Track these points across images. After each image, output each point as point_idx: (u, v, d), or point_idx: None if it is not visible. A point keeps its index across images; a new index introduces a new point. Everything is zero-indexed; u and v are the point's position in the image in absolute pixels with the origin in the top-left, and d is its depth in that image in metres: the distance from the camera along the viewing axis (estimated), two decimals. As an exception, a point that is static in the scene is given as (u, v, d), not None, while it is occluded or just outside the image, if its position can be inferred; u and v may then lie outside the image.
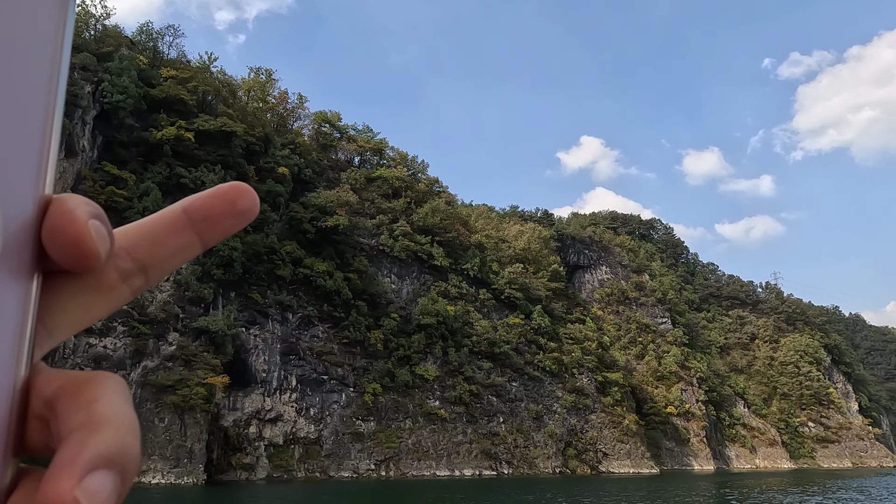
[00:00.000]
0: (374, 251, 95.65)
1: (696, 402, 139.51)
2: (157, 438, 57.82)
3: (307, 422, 77.38)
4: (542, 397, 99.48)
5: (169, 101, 73.69)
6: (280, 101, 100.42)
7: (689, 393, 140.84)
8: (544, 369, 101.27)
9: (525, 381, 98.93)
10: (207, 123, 74.03)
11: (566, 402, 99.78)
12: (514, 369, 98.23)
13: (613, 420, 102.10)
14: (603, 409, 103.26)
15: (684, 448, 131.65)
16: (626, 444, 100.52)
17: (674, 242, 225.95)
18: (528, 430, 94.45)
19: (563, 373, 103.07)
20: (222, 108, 77.65)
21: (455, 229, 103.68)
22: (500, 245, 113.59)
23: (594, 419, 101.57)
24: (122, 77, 65.99)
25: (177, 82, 74.54)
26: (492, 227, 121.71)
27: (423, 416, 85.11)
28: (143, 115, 71.50)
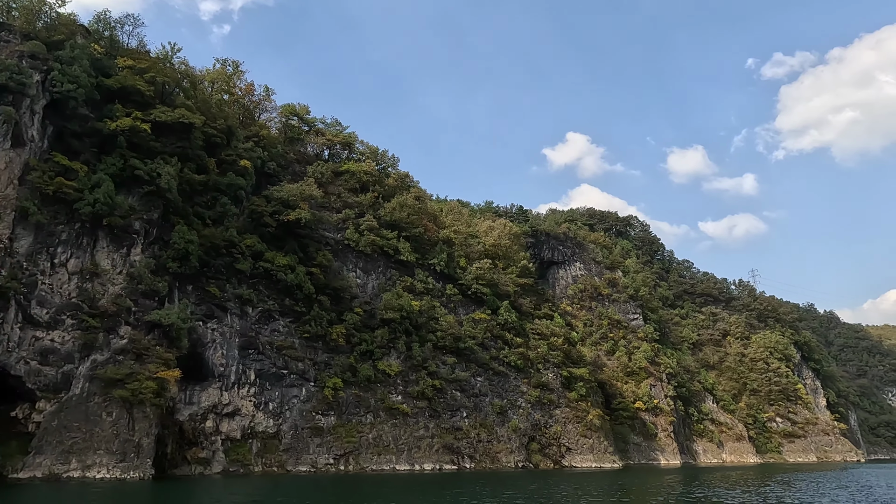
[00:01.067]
0: (340, 246, 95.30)
1: (664, 397, 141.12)
2: (104, 433, 57.28)
3: (266, 416, 77.08)
4: (507, 392, 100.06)
5: (125, 92, 72.50)
6: (246, 94, 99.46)
7: (658, 388, 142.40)
8: (510, 364, 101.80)
9: (490, 376, 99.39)
10: (165, 115, 73.03)
11: (531, 396, 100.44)
12: (479, 364, 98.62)
13: (578, 415, 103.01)
14: (567, 404, 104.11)
15: (652, 443, 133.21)
16: (589, 438, 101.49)
17: (650, 239, 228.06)
18: (491, 425, 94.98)
19: (528, 368, 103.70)
20: (181, 100, 76.67)
21: (422, 224, 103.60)
22: (470, 241, 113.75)
23: (559, 414, 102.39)
24: (73, 66, 64.77)
25: (134, 72, 73.35)
26: (462, 222, 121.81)
27: (385, 411, 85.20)
28: (99, 106, 70.27)
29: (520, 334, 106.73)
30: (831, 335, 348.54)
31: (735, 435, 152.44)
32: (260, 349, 78.48)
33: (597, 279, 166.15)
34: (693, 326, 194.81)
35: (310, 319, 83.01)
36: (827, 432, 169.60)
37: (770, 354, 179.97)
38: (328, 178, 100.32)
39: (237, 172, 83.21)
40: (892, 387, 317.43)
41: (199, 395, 73.02)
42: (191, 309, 72.57)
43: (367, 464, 79.54)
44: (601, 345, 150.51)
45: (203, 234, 74.34)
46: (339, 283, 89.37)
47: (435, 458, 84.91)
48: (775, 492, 50.77)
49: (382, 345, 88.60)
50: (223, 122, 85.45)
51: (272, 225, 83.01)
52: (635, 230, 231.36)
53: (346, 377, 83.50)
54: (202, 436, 72.14)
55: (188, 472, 68.06)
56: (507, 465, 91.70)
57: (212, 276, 76.05)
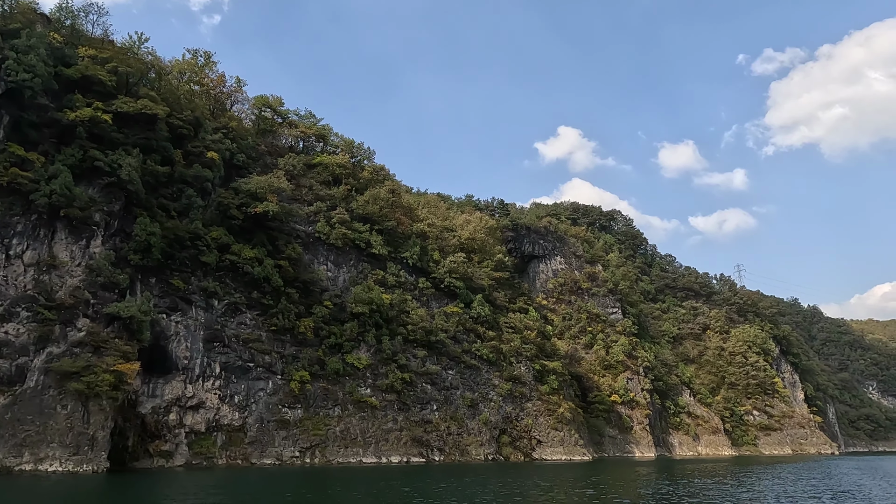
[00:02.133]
0: (311, 238, 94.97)
1: (641, 390, 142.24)
2: (58, 426, 56.85)
3: (231, 409, 76.89)
4: (479, 385, 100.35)
5: (87, 82, 71.65)
6: (217, 85, 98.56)
7: (635, 382, 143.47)
8: (482, 358, 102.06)
9: (461, 370, 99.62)
10: (127, 105, 72.24)
11: (502, 390, 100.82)
12: (451, 357, 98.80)
13: (549, 408, 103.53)
14: (539, 397, 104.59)
15: (627, 436, 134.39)
16: (560, 431, 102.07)
17: (633, 234, 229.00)
18: (462, 418, 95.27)
19: (500, 361, 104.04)
20: (144, 91, 75.84)
21: (396, 218, 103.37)
22: (445, 234, 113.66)
23: (530, 407, 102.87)
24: (29, 55, 63.85)
25: (95, 62, 72.48)
26: (439, 216, 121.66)
27: (353, 404, 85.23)
28: (59, 96, 69.44)
29: (493, 328, 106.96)
30: (814, 329, 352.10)
31: (711, 428, 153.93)
32: (225, 342, 78.17)
33: (577, 273, 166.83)
34: (674, 320, 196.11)
35: (277, 312, 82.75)
36: (803, 425, 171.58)
37: (749, 348, 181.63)
38: (300, 171, 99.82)
39: (204, 164, 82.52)
40: (873, 380, 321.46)
41: (163, 388, 72.71)
42: (154, 301, 72.12)
43: (333, 456, 79.59)
44: (579, 338, 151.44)
45: (166, 227, 73.77)
46: (309, 276, 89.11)
47: (403, 450, 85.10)
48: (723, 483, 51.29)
49: (352, 338, 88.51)
50: (190, 113, 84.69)
51: (239, 217, 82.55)
52: (619, 224, 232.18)
53: (313, 370, 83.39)
54: (165, 428, 71.90)
55: (150, 465, 67.91)
56: (476, 457, 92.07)
57: (176, 268, 75.56)
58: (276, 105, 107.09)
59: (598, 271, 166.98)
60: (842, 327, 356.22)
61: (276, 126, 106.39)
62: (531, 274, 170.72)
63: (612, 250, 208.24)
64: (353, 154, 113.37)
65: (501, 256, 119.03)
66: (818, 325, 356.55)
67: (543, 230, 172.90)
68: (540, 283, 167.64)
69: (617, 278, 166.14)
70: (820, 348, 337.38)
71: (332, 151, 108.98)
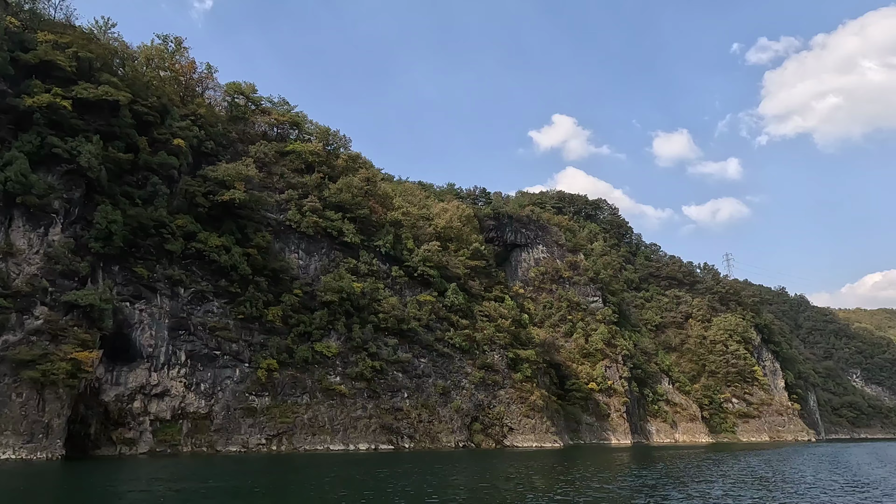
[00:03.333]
0: (282, 227, 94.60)
1: (619, 378, 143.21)
2: (12, 414, 56.81)
3: (197, 397, 76.93)
4: (451, 373, 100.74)
5: (46, 67, 70.73)
6: (187, 71, 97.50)
7: (613, 370, 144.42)
8: (454, 346, 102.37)
9: (434, 358, 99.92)
10: (87, 91, 71.41)
11: (475, 378, 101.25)
12: (423, 346, 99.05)
13: (522, 396, 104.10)
14: (513, 385, 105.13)
15: (604, 423, 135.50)
16: (531, 419, 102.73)
17: (618, 223, 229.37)
18: (433, 406, 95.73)
19: (474, 349, 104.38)
20: (106, 77, 74.89)
21: (369, 206, 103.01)
22: (420, 223, 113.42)
23: (503, 395, 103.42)
24: (-19, 40, 62.98)
25: (54, 47, 71.49)
26: (415, 204, 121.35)
27: (322, 392, 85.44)
28: (16, 81, 68.58)
29: (467, 316, 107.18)
30: (801, 318, 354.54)
31: (689, 415, 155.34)
32: (191, 330, 78.03)
33: (559, 262, 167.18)
34: (657, 309, 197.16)
35: (245, 301, 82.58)
36: (781, 413, 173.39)
37: (729, 337, 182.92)
38: (272, 158, 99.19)
39: (170, 151, 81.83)
40: (857, 368, 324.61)
41: (127, 376, 72.60)
42: (117, 290, 71.89)
43: (300, 444, 79.92)
44: (559, 327, 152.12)
45: (129, 214, 73.26)
46: (278, 264, 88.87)
47: (371, 438, 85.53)
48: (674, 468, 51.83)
49: (321, 326, 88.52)
50: (156, 99, 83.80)
51: (205, 205, 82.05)
52: (604, 213, 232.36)
53: (282, 358, 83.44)
54: (129, 416, 71.91)
55: (112, 452, 68.02)
56: (447, 444, 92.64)
57: (140, 256, 75.14)
58: (248, 92, 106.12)
59: (579, 260, 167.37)
60: (828, 316, 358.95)
61: (249, 113, 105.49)
62: (513, 262, 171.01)
63: (596, 239, 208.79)
64: (328, 142, 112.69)
65: (478, 245, 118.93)
66: (805, 314, 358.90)
67: (526, 219, 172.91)
68: (522, 272, 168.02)
69: (598, 267, 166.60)
70: (806, 337, 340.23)
71: (306, 139, 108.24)
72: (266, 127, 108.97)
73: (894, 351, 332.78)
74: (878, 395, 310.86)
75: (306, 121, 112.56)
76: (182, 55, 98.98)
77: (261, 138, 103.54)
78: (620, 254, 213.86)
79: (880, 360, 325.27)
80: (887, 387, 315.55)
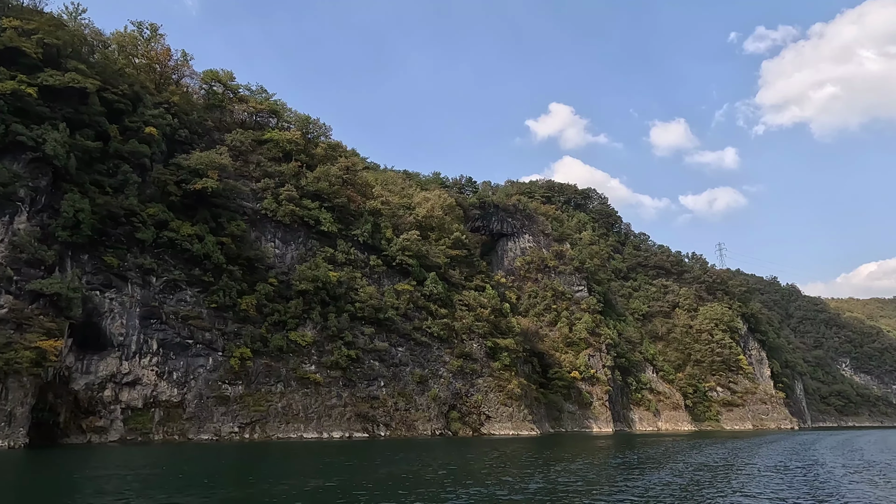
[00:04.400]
0: (258, 216, 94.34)
1: (602, 367, 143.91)
2: (-25, 402, 56.81)
3: (170, 385, 77.05)
4: (429, 362, 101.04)
5: (11, 54, 70.05)
6: (163, 59, 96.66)
7: (596, 358, 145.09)
8: (433, 335, 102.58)
9: (412, 347, 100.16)
10: (53, 78, 70.83)
11: (453, 366, 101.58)
12: (401, 335, 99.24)
13: (500, 384, 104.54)
14: (491, 373, 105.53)
15: (586, 411, 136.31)
16: (509, 407, 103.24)
17: (607, 212, 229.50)
18: (410, 394, 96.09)
19: (452, 338, 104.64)
20: (73, 64, 74.20)
21: (346, 195, 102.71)
22: (400, 212, 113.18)
23: (481, 383, 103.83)
24: (-58, 26, 62.28)
25: (20, 34, 70.78)
26: (397, 193, 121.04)
27: (297, 381, 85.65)
28: (-18, 69, 67.91)
29: (446, 305, 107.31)
30: (792, 307, 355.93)
31: (672, 404, 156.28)
32: (163, 319, 77.99)
33: (545, 251, 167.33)
34: (644, 298, 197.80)
35: (218, 290, 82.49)
36: (765, 401, 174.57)
37: (715, 326, 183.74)
38: (248, 147, 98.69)
39: (142, 140, 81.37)
40: (846, 357, 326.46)
41: (97, 365, 72.63)
42: (86, 278, 71.76)
43: (273, 432, 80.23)
44: (544, 316, 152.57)
45: (98, 203, 72.93)
46: (253, 253, 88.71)
47: (346, 426, 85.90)
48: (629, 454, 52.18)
49: (296, 315, 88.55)
50: (128, 87, 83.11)
51: (177, 194, 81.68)
52: (594, 203, 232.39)
53: (256, 347, 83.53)
54: (100, 405, 72.04)
55: (81, 440, 68.22)
56: (423, 432, 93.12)
57: (110, 245, 74.91)
58: (226, 80, 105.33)
59: (565, 249, 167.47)
60: (819, 306, 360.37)
61: (227, 101, 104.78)
62: (499, 252, 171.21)
63: (585, 229, 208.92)
64: (307, 130, 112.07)
65: (459, 234, 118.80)
66: (795, 304, 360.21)
67: (512, 208, 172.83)
68: (508, 261, 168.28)
69: (584, 256, 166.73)
70: (797, 326, 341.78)
71: (284, 127, 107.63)
72: (246, 115, 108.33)
73: (884, 340, 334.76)
74: (867, 383, 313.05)
75: (285, 109, 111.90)
76: (158, 42, 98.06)
77: (238, 127, 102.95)
78: (609, 243, 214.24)
79: (870, 349, 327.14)
80: (876, 375, 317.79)
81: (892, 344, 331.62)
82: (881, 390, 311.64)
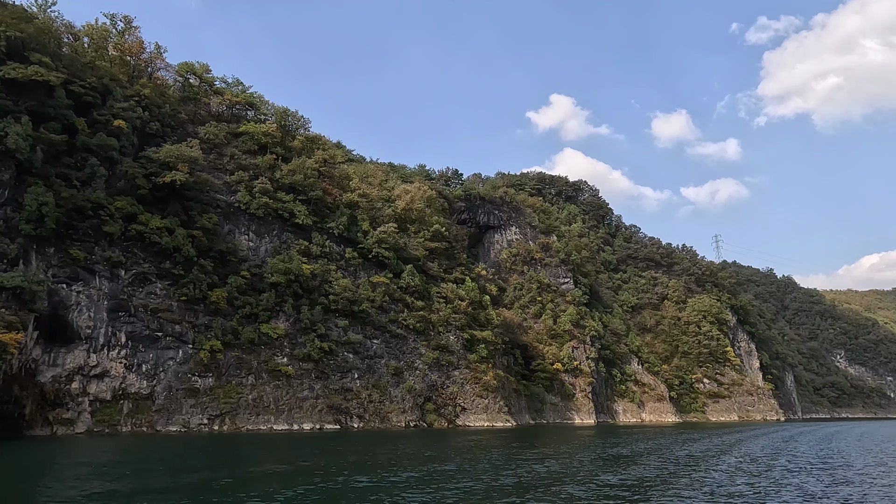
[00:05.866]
0: (231, 208, 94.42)
1: (586, 359, 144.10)
2: (-67, 394, 57.23)
3: (139, 377, 77.42)
4: (405, 354, 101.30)
5: (-27, 47, 70.10)
6: (136, 51, 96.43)
7: (580, 350, 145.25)
8: (409, 327, 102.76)
9: (387, 339, 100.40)
10: (15, 71, 70.81)
11: (429, 358, 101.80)
12: (376, 327, 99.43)
13: (476, 376, 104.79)
14: (468, 365, 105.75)
15: (568, 403, 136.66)
16: (484, 398, 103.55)
17: (598, 204, 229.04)
18: (385, 386, 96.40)
19: (429, 331, 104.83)
20: (37, 57, 74.11)
21: (322, 187, 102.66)
22: (378, 205, 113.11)
23: (457, 375, 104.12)
24: None
25: (-19, 27, 70.74)
26: (376, 186, 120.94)
27: (268, 373, 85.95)
28: (-57, 62, 67.99)
29: (423, 297, 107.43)
30: (787, 299, 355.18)
31: (656, 395, 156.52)
32: (132, 312, 78.26)
33: (531, 243, 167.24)
34: (634, 290, 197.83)
35: (188, 282, 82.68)
36: (751, 393, 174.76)
37: (703, 318, 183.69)
38: (223, 140, 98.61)
39: (111, 133, 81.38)
40: (841, 349, 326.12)
41: (64, 357, 73.02)
42: (52, 272, 72.00)
43: (243, 424, 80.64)
44: (528, 308, 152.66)
45: (64, 196, 73.07)
46: (225, 246, 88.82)
47: (317, 417, 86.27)
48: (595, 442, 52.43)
49: (268, 307, 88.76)
50: (97, 80, 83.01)
51: (145, 187, 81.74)
52: (585, 195, 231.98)
53: (227, 339, 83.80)
54: (68, 397, 72.45)
55: (47, 432, 68.66)
56: (397, 424, 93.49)
57: (77, 238, 75.12)
58: (201, 72, 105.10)
59: (551, 242, 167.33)
60: (814, 297, 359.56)
61: (202, 94, 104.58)
62: (486, 244, 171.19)
63: (575, 221, 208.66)
64: (286, 123, 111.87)
65: (439, 227, 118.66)
66: (791, 296, 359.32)
67: (499, 200, 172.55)
68: (494, 254, 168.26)
69: (570, 249, 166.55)
70: (792, 318, 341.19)
71: (260, 120, 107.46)
72: (224, 108, 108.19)
73: (879, 332, 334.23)
74: (861, 375, 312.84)
75: (263, 102, 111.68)
76: (132, 34, 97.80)
77: (215, 120, 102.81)
78: (600, 235, 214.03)
79: (865, 340, 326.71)
80: (870, 367, 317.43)
81: (887, 335, 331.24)
82: (875, 382, 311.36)
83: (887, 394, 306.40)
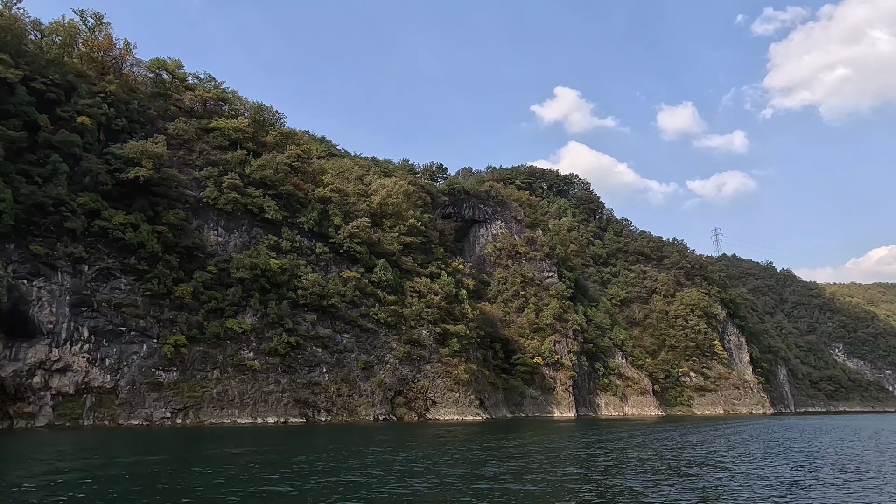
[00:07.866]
0: (200, 204, 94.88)
1: (568, 353, 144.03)
2: None
3: (102, 372, 78.17)
4: (375, 348, 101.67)
5: (-68, 45, 70.69)
6: (105, 47, 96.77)
7: (562, 344, 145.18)
8: (380, 321, 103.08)
9: (357, 333, 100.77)
10: (-28, 69, 71.37)
11: (400, 353, 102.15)
12: (346, 322, 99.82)
13: (448, 370, 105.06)
14: (440, 359, 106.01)
15: (548, 396, 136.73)
16: (455, 392, 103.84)
17: (589, 198, 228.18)
18: (354, 380, 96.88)
19: (400, 325, 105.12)
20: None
21: (292, 182, 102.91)
22: (352, 199, 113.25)
23: (428, 369, 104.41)
24: None
25: (-61, 25, 71.30)
26: (352, 180, 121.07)
27: (234, 367, 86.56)
28: None
29: (395, 292, 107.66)
30: (786, 293, 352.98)
31: (640, 389, 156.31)
32: (95, 307, 78.94)
33: (516, 238, 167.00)
34: (623, 284, 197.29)
35: (153, 278, 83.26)
36: (738, 386, 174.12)
37: (691, 312, 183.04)
38: (193, 135, 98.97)
39: (74, 129, 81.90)
40: (839, 342, 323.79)
41: (26, 352, 73.81)
42: (13, 267, 72.75)
43: (207, 418, 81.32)
44: (512, 302, 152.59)
45: (23, 193, 73.69)
46: (191, 241, 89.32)
47: (282, 411, 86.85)
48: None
49: (234, 302, 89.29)
50: (60, 77, 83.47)
51: (108, 183, 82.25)
52: (576, 189, 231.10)
53: (192, 334, 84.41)
54: (29, 391, 73.28)
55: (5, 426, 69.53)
56: (366, 418, 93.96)
57: (38, 234, 75.79)
58: (173, 68, 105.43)
59: (536, 236, 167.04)
60: (813, 290, 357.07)
61: (173, 90, 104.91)
62: (471, 238, 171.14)
63: (565, 214, 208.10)
64: (261, 118, 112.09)
65: (415, 221, 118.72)
66: (790, 289, 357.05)
67: (484, 195, 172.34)
68: (479, 248, 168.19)
69: (555, 242, 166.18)
70: (790, 311, 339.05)
71: (233, 115, 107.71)
72: (198, 104, 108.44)
73: (878, 325, 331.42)
74: (859, 368, 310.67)
75: (237, 98, 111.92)
76: (101, 31, 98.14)
77: (187, 115, 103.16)
78: (590, 229, 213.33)
79: (863, 333, 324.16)
80: (869, 360, 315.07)
81: (886, 329, 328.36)
82: (874, 375, 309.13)
83: (885, 387, 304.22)
